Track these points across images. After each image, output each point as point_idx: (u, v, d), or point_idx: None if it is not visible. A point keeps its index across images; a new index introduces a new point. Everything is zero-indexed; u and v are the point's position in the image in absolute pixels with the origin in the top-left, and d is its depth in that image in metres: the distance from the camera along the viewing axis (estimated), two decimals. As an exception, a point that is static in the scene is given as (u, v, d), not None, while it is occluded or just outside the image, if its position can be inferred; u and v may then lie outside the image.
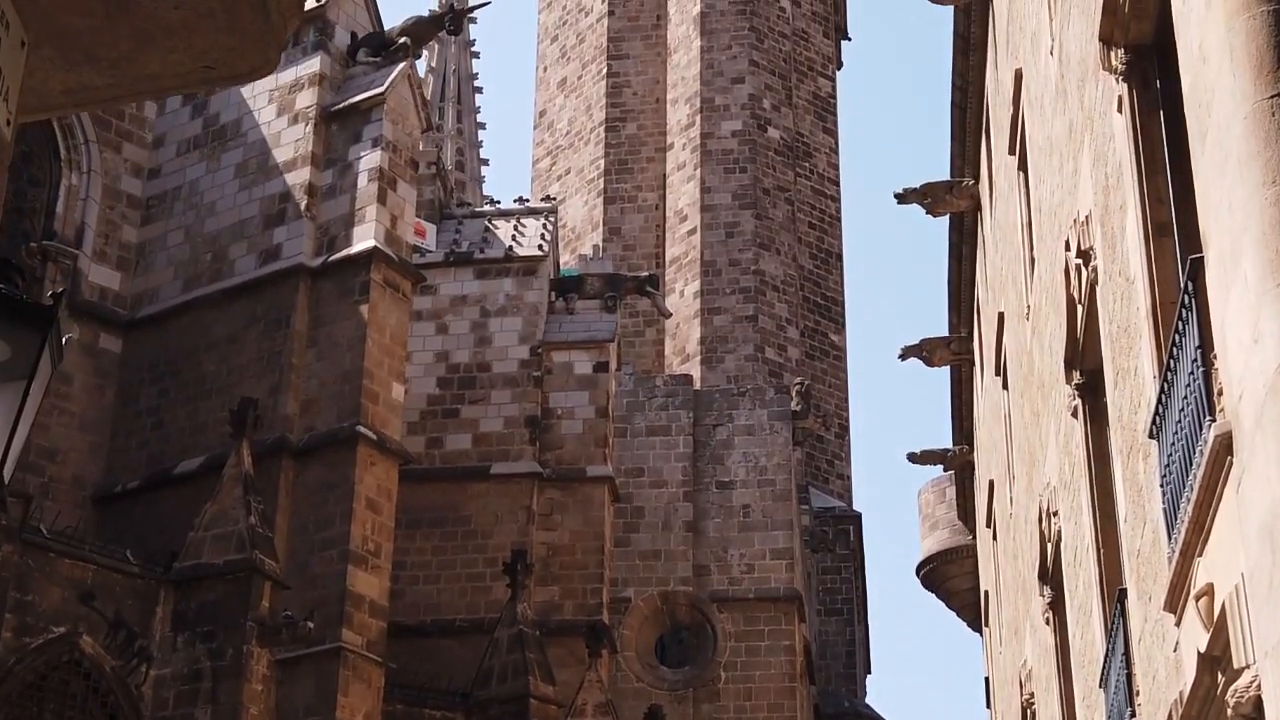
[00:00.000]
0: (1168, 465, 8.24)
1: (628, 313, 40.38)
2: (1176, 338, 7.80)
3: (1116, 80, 9.60)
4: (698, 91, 44.50)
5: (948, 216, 23.75)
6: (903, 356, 25.42)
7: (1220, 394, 7.10)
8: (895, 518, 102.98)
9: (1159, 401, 8.31)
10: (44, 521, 20.42)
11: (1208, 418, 7.21)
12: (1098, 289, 10.85)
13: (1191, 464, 7.57)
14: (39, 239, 24.32)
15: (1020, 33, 15.58)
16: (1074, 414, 12.26)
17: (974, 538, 29.09)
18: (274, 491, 21.85)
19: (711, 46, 44.85)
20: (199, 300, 24.22)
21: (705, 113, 44.18)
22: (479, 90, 65.95)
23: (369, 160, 23.57)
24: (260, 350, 23.14)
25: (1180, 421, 7.84)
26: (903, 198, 22.92)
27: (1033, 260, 15.33)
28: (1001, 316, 19.25)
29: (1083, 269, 11.29)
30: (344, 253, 23.27)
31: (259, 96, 24.86)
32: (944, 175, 23.24)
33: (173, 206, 25.16)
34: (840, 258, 45.74)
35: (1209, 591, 7.38)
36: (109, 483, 24.05)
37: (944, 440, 29.36)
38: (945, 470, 29.59)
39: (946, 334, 25.86)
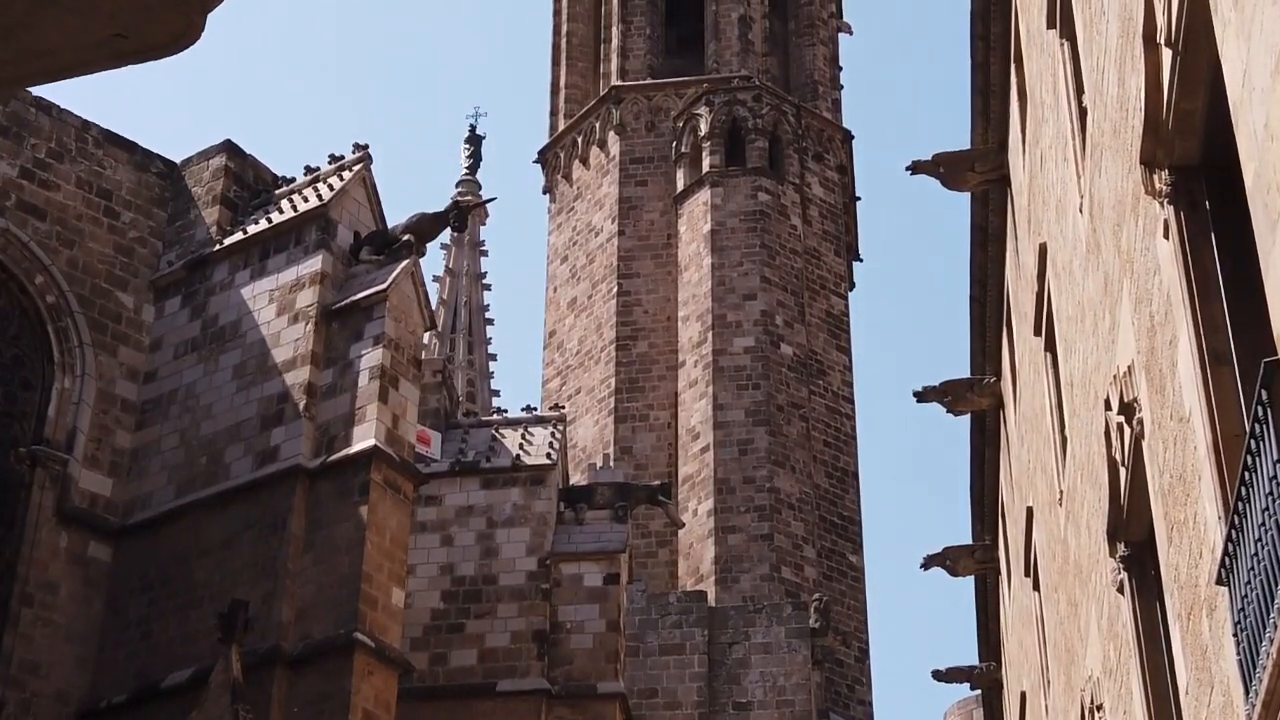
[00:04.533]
0: (1242, 609, 7.40)
1: (640, 533, 39.55)
2: (1249, 459, 7.02)
3: (1162, 205, 8.95)
4: (709, 308, 44.19)
5: (969, 419, 23.24)
6: (925, 565, 24.71)
7: (1309, 508, 6.30)
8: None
9: (1228, 539, 7.50)
10: (21, 736, 19.41)
11: (1293, 539, 6.39)
12: (1144, 443, 10.11)
13: (1273, 598, 6.75)
14: (28, 444, 23.66)
15: (1044, 206, 15.12)
16: (1120, 589, 11.45)
17: (1004, 761, 27.98)
18: (267, 703, 20.81)
19: (723, 263, 44.66)
20: (192, 505, 23.45)
21: (717, 329, 43.80)
22: (490, 322, 66.07)
23: (370, 358, 23.00)
24: (255, 555, 22.32)
25: (1257, 555, 7.02)
26: (922, 396, 22.43)
27: (1064, 440, 14.69)
28: (1030, 511, 18.59)
29: (1125, 426, 10.56)
30: (343, 453, 22.57)
31: (259, 297, 24.44)
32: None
33: (168, 410, 24.54)
34: (856, 477, 44.97)
35: (1301, 742, 6.49)
36: (94, 697, 22.99)
37: (969, 659, 28.39)
38: (972, 689, 28.62)
39: (970, 543, 25.18)
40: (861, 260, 51.14)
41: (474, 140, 64.31)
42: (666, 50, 51.00)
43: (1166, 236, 8.88)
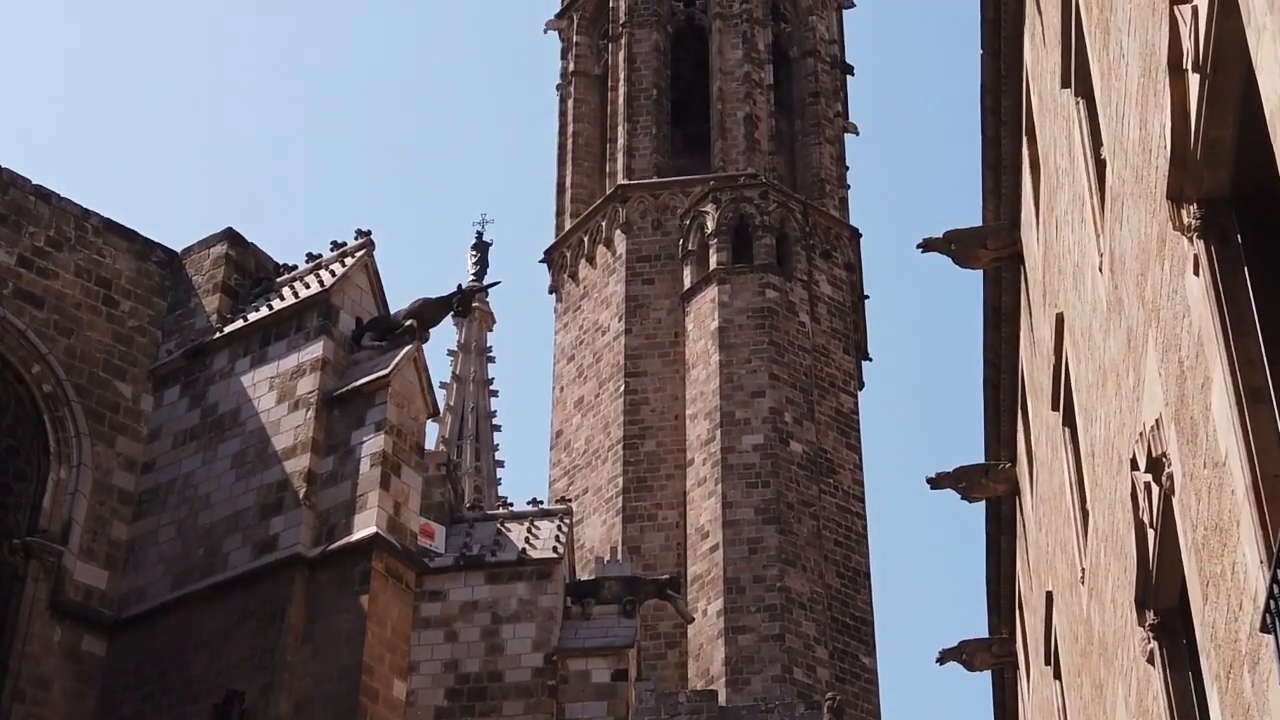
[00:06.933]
0: (1291, 654, 6.96)
1: (648, 634, 38.92)
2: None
3: (1191, 240, 8.57)
4: (717, 406, 43.83)
5: (983, 508, 22.84)
6: (941, 660, 24.21)
7: (1362, 537, 5.87)
8: None
9: (1274, 580, 7.05)
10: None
11: (1346, 570, 5.96)
12: (1174, 499, 9.67)
13: (1328, 637, 6.31)
14: (23, 535, 23.14)
15: (1060, 274, 14.81)
16: (1150, 660, 10.99)
17: None
18: (263, 802, 20.17)
19: (730, 361, 44.36)
20: (189, 597, 22.83)
21: (725, 427, 43.41)
22: (497, 429, 65.69)
23: (371, 445, 22.51)
24: (252, 648, 21.69)
25: (1306, 594, 6.60)
26: (936, 483, 22.01)
27: (1086, 515, 14.30)
28: (1050, 596, 18.16)
29: (1153, 485, 10.12)
30: (343, 541, 22.00)
31: (259, 384, 24.00)
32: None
33: (166, 500, 24.01)
34: (868, 576, 44.39)
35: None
36: (85, 799, 22.33)
37: (987, 759, 27.78)
38: (990, 790, 27.95)
39: (986, 636, 24.68)
40: (871, 360, 50.87)
41: (480, 246, 64.49)
42: (673, 149, 51.05)
43: (1197, 273, 8.50)
